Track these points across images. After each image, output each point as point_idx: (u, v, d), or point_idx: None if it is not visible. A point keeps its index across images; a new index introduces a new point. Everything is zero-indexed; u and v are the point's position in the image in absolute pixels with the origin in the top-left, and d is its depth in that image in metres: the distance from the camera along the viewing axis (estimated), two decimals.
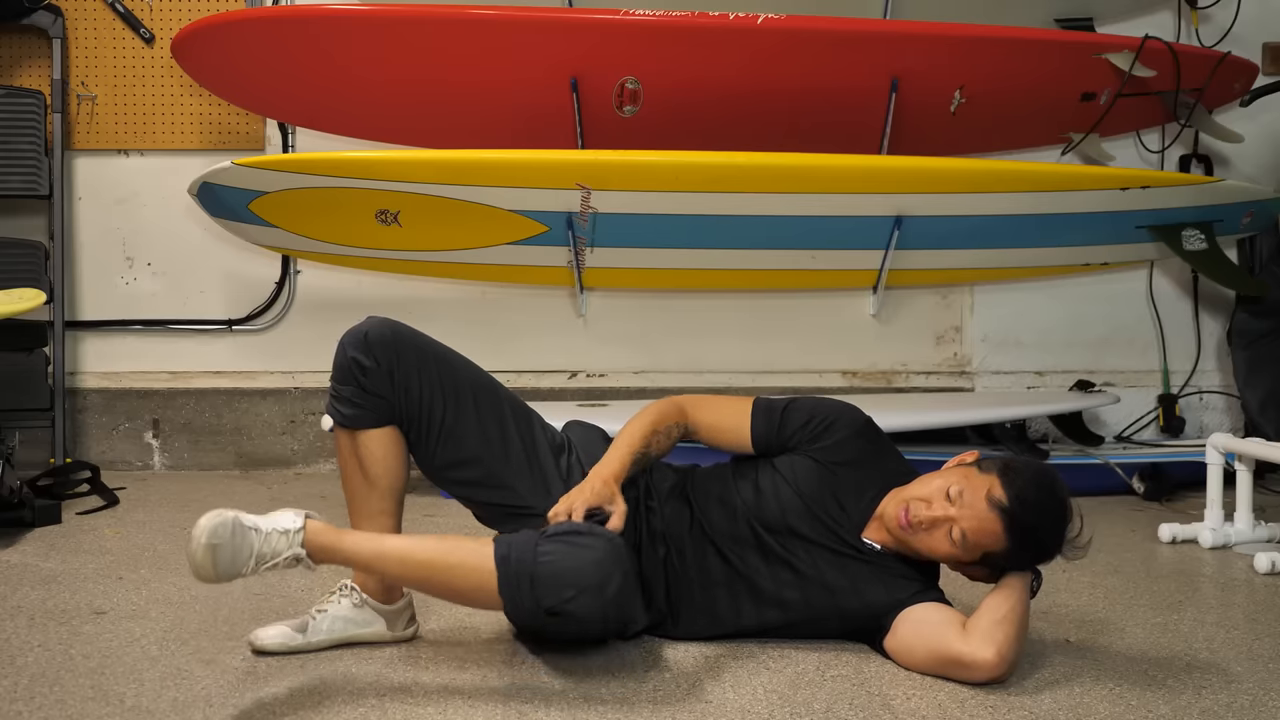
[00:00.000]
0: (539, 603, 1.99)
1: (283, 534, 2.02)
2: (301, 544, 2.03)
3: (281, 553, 2.01)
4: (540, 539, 2.03)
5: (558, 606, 1.99)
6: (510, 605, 2.03)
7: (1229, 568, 3.07)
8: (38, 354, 3.95)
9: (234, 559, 1.96)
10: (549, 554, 2.00)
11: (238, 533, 1.96)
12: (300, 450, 4.27)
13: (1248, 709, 2.04)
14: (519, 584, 1.99)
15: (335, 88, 3.82)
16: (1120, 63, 3.86)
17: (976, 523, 2.12)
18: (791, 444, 2.33)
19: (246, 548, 1.97)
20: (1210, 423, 4.49)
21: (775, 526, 2.27)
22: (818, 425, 2.32)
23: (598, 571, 1.99)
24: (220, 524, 1.95)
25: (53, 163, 4.02)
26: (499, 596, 2.01)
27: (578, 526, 2.07)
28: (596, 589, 1.99)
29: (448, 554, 2.06)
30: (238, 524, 1.97)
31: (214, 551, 1.93)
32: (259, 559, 1.98)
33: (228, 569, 1.96)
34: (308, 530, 2.04)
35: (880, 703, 2.03)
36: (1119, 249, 4.05)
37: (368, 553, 2.09)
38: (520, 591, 1.99)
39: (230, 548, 1.95)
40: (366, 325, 2.25)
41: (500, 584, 2.00)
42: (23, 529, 3.20)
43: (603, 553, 2.02)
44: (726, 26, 3.66)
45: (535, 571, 1.98)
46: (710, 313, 4.38)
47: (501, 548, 2.02)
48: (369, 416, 2.24)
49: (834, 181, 3.63)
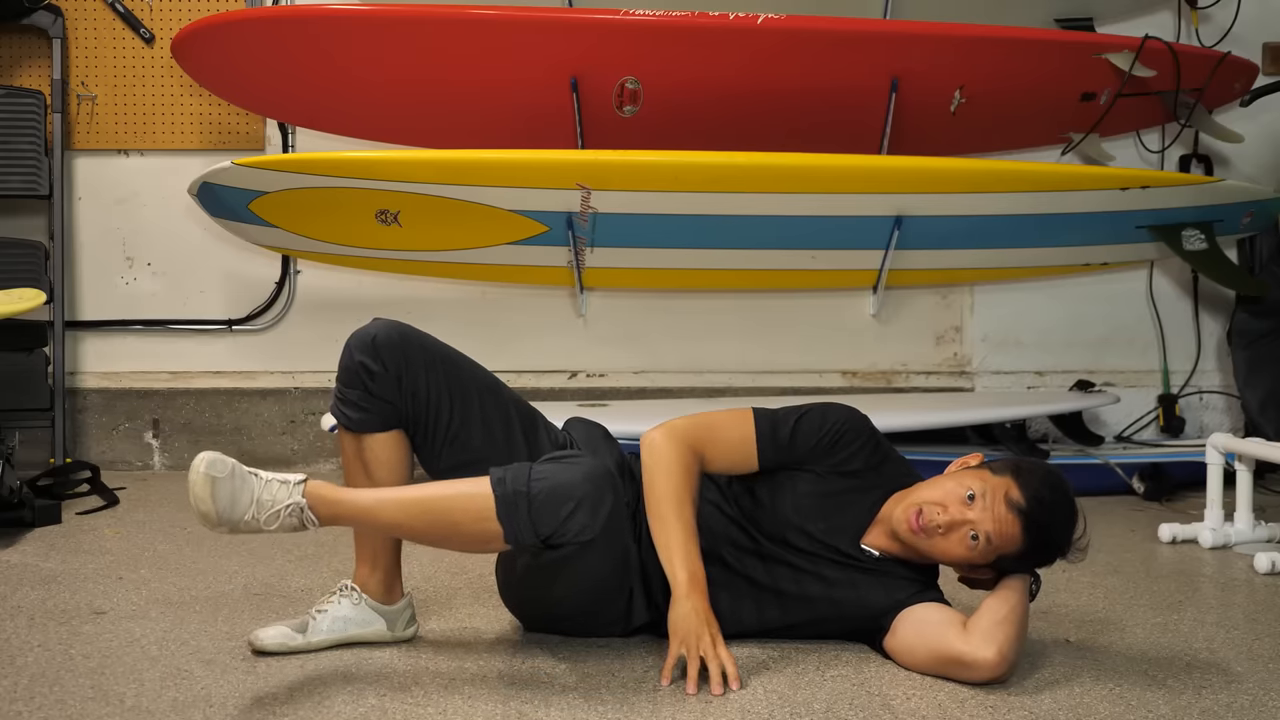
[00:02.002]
0: (537, 527, 2.01)
1: (283, 483, 2.02)
2: (302, 494, 2.02)
3: (282, 500, 2.00)
4: (533, 465, 2.07)
5: (556, 529, 2.01)
6: (509, 530, 2.03)
7: (1229, 568, 3.07)
8: (38, 354, 3.95)
9: (234, 500, 1.96)
10: (542, 473, 2.04)
11: (237, 474, 1.97)
12: (300, 450, 4.27)
13: (1248, 709, 2.04)
14: (516, 505, 2.01)
15: (335, 88, 3.82)
16: (1120, 63, 3.86)
17: (997, 525, 2.11)
18: (802, 460, 2.29)
19: (247, 491, 1.97)
20: (1210, 423, 4.49)
21: (773, 534, 2.27)
22: (830, 440, 2.28)
23: (589, 483, 2.04)
24: (218, 458, 1.96)
25: (53, 163, 4.02)
26: (498, 524, 2.02)
27: (568, 451, 2.12)
28: (591, 500, 2.02)
29: (444, 489, 2.10)
30: (237, 467, 1.98)
31: (214, 484, 1.94)
32: (260, 505, 1.98)
33: (228, 509, 1.95)
34: (308, 484, 2.04)
35: (880, 703, 2.03)
36: (1119, 249, 4.05)
37: (367, 501, 2.09)
38: (518, 513, 2.01)
39: (229, 486, 1.95)
40: (374, 329, 2.24)
41: (498, 508, 2.02)
42: (23, 529, 3.20)
43: (593, 467, 2.07)
44: (726, 26, 3.66)
45: (530, 489, 2.01)
46: (710, 313, 4.38)
47: (497, 473, 2.06)
48: (375, 421, 2.23)
49: (834, 181, 3.63)
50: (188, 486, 1.95)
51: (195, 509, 1.96)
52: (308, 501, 2.02)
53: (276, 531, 2.01)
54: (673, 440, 2.23)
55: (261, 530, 2.00)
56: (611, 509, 2.06)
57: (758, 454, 2.28)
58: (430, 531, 2.11)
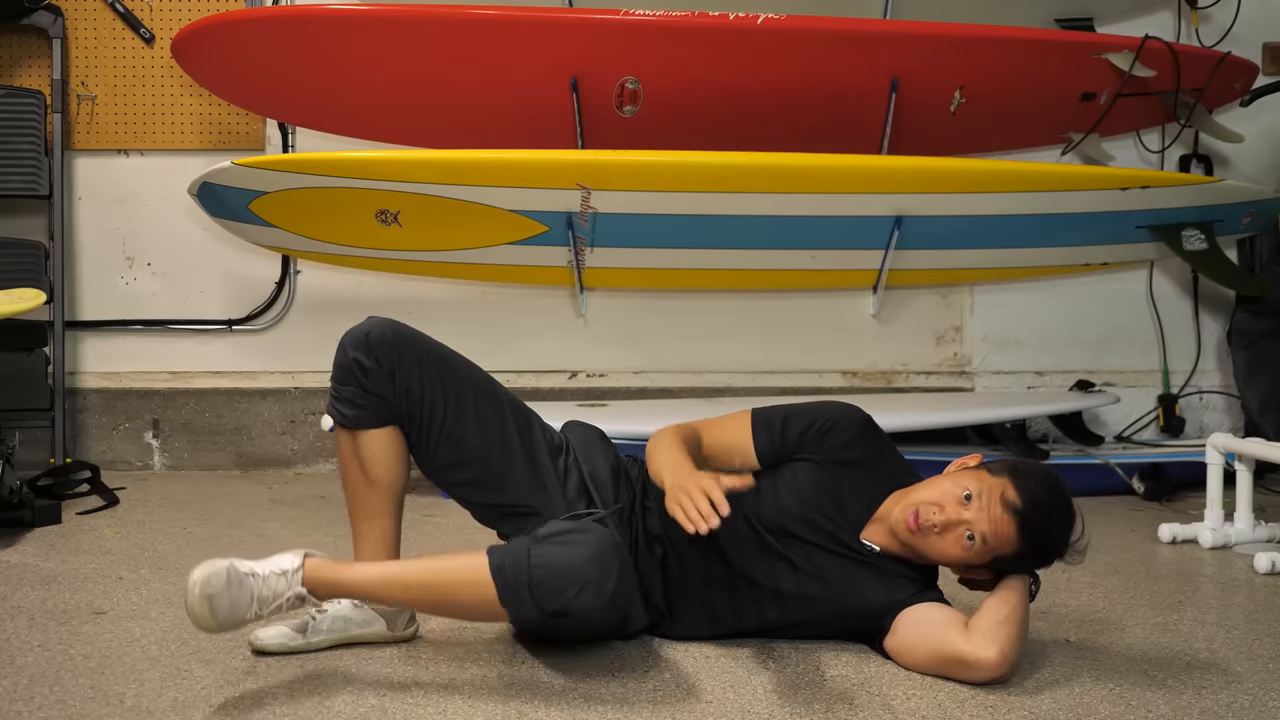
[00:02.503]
0: (541, 607, 1.99)
1: (281, 575, 2.02)
2: (302, 582, 2.04)
3: (283, 594, 2.02)
4: (532, 543, 2.02)
5: (560, 608, 1.99)
6: (513, 614, 2.03)
7: (1229, 568, 3.07)
8: (38, 354, 3.95)
9: (234, 607, 1.96)
10: (543, 556, 2.00)
11: (234, 580, 1.96)
12: (300, 450, 4.27)
13: (1248, 709, 2.04)
14: (518, 592, 1.99)
15: (335, 88, 3.81)
16: (1120, 63, 3.86)
17: (993, 525, 2.12)
18: (795, 450, 2.32)
19: (246, 594, 1.97)
20: (1210, 423, 4.49)
21: (773, 526, 2.27)
22: (819, 429, 2.31)
23: (594, 566, 2.00)
24: (213, 573, 1.94)
25: (53, 163, 4.02)
26: (501, 608, 2.02)
27: (568, 526, 2.07)
28: (596, 583, 1.99)
29: (446, 572, 2.07)
30: (233, 571, 1.96)
31: (210, 602, 1.94)
32: (261, 602, 1.99)
33: (228, 617, 1.96)
34: (306, 568, 2.05)
35: (880, 703, 2.03)
36: (1119, 249, 4.05)
37: (370, 581, 2.09)
38: (520, 599, 1.99)
39: (228, 596, 1.95)
40: (368, 325, 2.25)
41: (500, 595, 2.00)
42: (23, 529, 3.20)
43: (597, 546, 2.02)
44: (726, 26, 3.66)
45: (532, 577, 1.98)
46: (710, 313, 4.38)
47: (495, 558, 2.02)
48: (370, 417, 2.24)
49: (834, 181, 3.63)
50: (185, 606, 1.95)
51: (195, 625, 1.97)
52: (308, 590, 2.05)
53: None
54: (671, 426, 2.32)
55: (262, 619, 2.02)
56: (617, 583, 2.03)
57: (753, 442, 2.31)
58: (435, 610, 2.15)
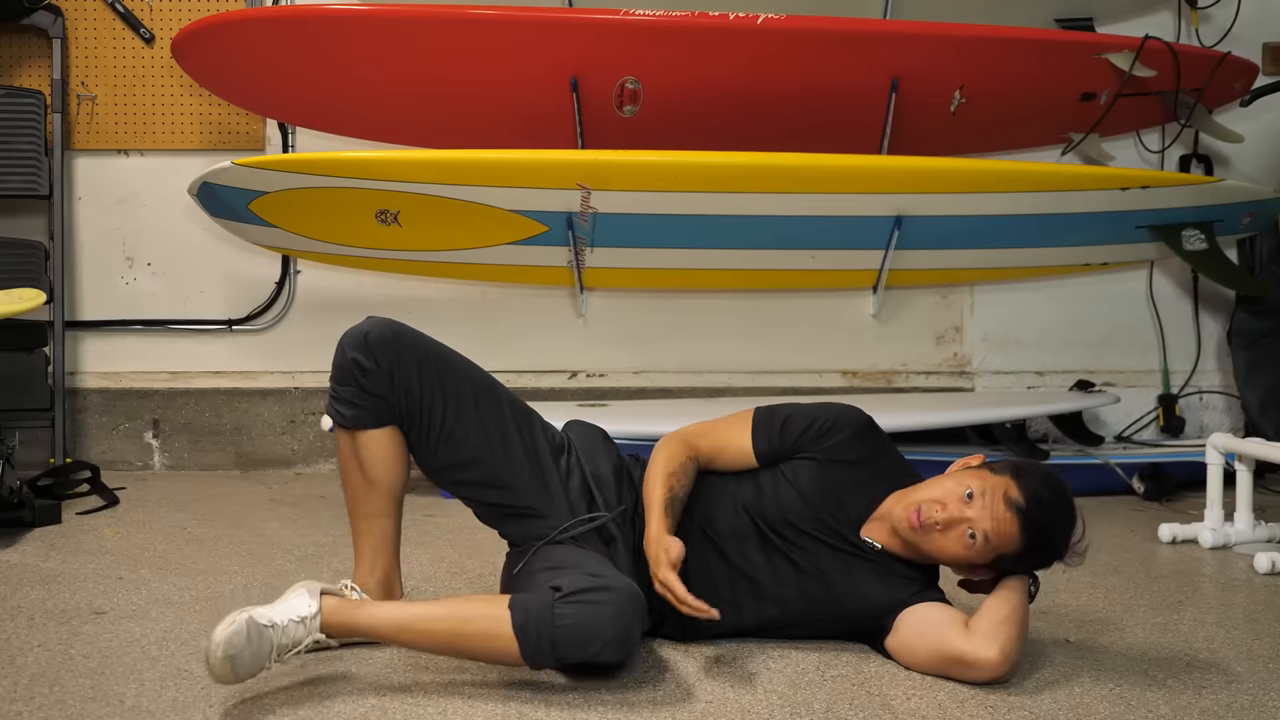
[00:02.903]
0: (562, 661, 2.01)
1: (299, 623, 2.01)
2: (319, 628, 2.04)
3: (301, 640, 2.01)
4: (555, 601, 2.00)
5: (582, 662, 2.01)
6: (533, 663, 2.03)
7: (1229, 568, 3.07)
8: (38, 354, 3.95)
9: (254, 660, 1.94)
10: (567, 617, 1.98)
11: (254, 635, 1.94)
12: (300, 450, 4.27)
13: (1248, 709, 2.04)
14: (540, 649, 1.99)
15: (335, 88, 3.81)
16: (1120, 63, 3.86)
17: (995, 524, 2.12)
18: (795, 450, 2.32)
19: (266, 645, 1.96)
20: (1210, 423, 4.49)
21: (775, 522, 2.28)
22: (819, 429, 2.32)
23: (617, 625, 1.99)
24: (234, 633, 1.91)
25: (53, 163, 4.02)
26: (521, 659, 2.02)
27: (591, 583, 2.03)
28: (618, 642, 2.00)
29: (465, 622, 2.05)
30: (252, 625, 1.94)
31: (233, 662, 1.91)
32: (280, 650, 1.98)
33: (249, 670, 1.94)
34: (324, 612, 2.04)
35: (880, 703, 2.03)
36: (1119, 249, 4.05)
37: (388, 627, 2.08)
38: (543, 655, 2.00)
39: (249, 652, 1.93)
40: (367, 325, 2.25)
41: (523, 653, 2.00)
42: (23, 529, 3.20)
43: (619, 605, 2.01)
44: (726, 26, 3.66)
45: (555, 636, 1.98)
46: (710, 313, 4.38)
47: (519, 616, 2.00)
48: (369, 417, 2.24)
49: (834, 181, 3.63)
50: (207, 665, 1.91)
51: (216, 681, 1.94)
52: (325, 635, 2.05)
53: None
54: (671, 436, 2.34)
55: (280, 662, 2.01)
56: (639, 636, 2.06)
57: (752, 442, 2.32)
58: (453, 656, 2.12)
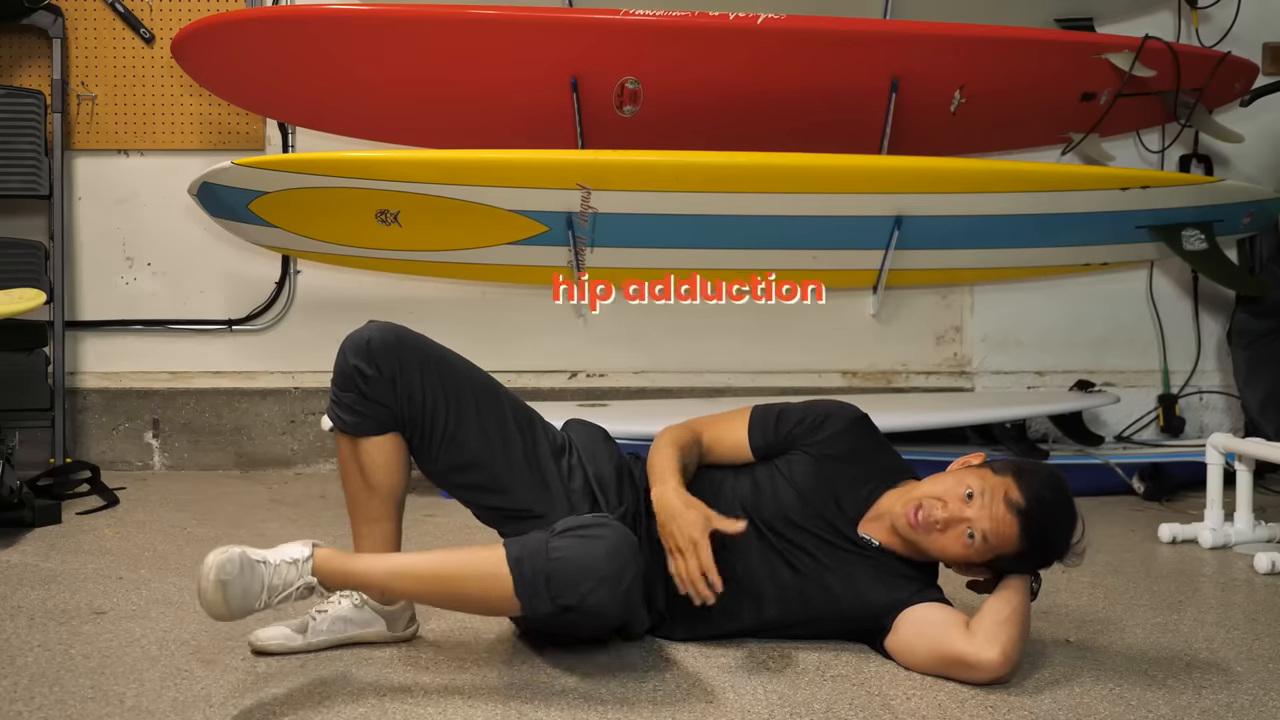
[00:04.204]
0: (555, 600, 2.00)
1: (291, 564, 2.02)
2: (312, 571, 2.04)
3: (293, 582, 2.01)
4: (550, 536, 2.03)
5: (575, 602, 2.00)
6: (528, 606, 2.02)
7: (1229, 568, 3.07)
8: (38, 354, 3.95)
9: (245, 594, 1.96)
10: (561, 550, 2.01)
11: (246, 568, 1.96)
12: (300, 450, 4.27)
13: (1248, 709, 2.04)
14: (535, 584, 1.99)
15: (335, 88, 3.81)
16: (1120, 63, 3.86)
17: (994, 524, 2.12)
18: (788, 444, 2.34)
19: (257, 582, 1.97)
20: (1210, 423, 4.49)
21: (773, 520, 2.28)
22: (812, 422, 2.34)
23: (611, 562, 2.01)
24: (227, 559, 1.94)
25: (53, 163, 4.02)
26: (516, 599, 2.02)
27: (587, 520, 2.07)
28: (613, 579, 2.00)
29: (460, 564, 2.07)
30: (245, 559, 1.97)
31: (224, 588, 1.93)
32: (271, 591, 1.99)
33: (240, 604, 1.96)
34: (316, 558, 2.05)
35: (880, 703, 2.03)
36: (1119, 249, 4.05)
37: (381, 572, 2.09)
38: (537, 591, 2.00)
39: (240, 583, 1.95)
40: (369, 332, 2.24)
41: (516, 586, 2.00)
42: (23, 529, 3.20)
43: (615, 543, 2.03)
44: (726, 26, 3.66)
45: (550, 569, 1.99)
46: (710, 313, 4.37)
47: (514, 549, 2.03)
48: (370, 424, 2.24)
49: (834, 181, 3.63)
50: (198, 589, 1.95)
51: (206, 610, 1.97)
52: (318, 580, 2.04)
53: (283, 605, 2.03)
54: (672, 428, 2.36)
55: (270, 607, 2.01)
56: (631, 580, 2.05)
57: (748, 436, 2.35)
58: (446, 603, 2.13)
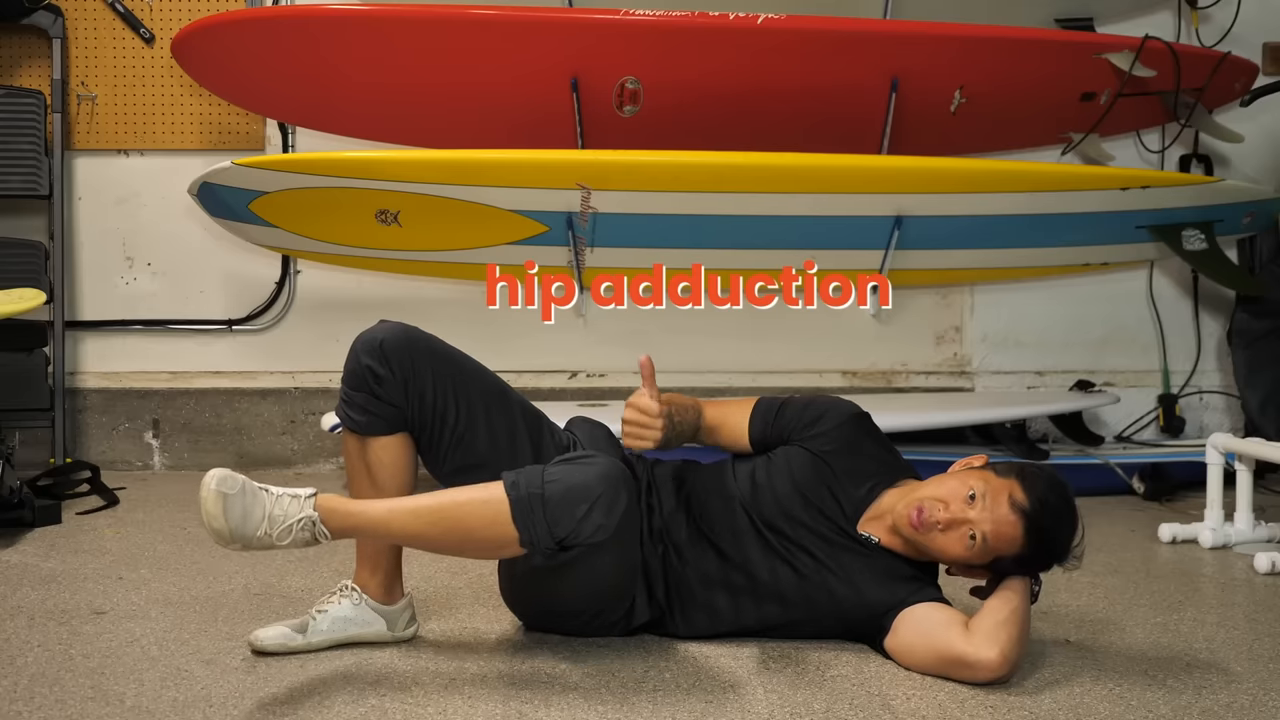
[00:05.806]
0: (552, 529, 2.01)
1: (294, 498, 2.01)
2: (314, 507, 2.01)
3: (294, 515, 1.99)
4: (546, 466, 2.07)
5: (571, 530, 2.01)
6: (525, 533, 2.02)
7: (1229, 568, 3.07)
8: (38, 354, 3.95)
9: (245, 516, 1.95)
10: (555, 474, 2.04)
11: (248, 490, 1.96)
12: (300, 450, 4.27)
13: (1248, 709, 2.04)
14: (531, 508, 2.01)
15: (335, 88, 3.82)
16: (1120, 63, 3.86)
17: (996, 526, 2.12)
18: (786, 436, 2.35)
19: (259, 507, 1.97)
20: (1210, 423, 4.49)
21: (772, 517, 2.28)
22: (811, 416, 2.35)
23: (604, 483, 2.03)
24: (229, 475, 1.96)
25: (53, 163, 4.02)
26: (513, 528, 2.02)
27: (579, 452, 2.13)
28: (606, 501, 2.02)
29: (457, 496, 2.09)
30: (247, 483, 1.97)
31: (224, 500, 1.93)
32: (271, 520, 1.97)
33: (240, 526, 1.95)
34: (319, 498, 2.03)
35: (880, 703, 2.03)
36: (1119, 249, 4.04)
37: (381, 509, 2.08)
38: (534, 516, 2.01)
39: (240, 502, 1.95)
40: (381, 332, 2.23)
41: (513, 511, 2.01)
42: (23, 529, 3.20)
43: (606, 466, 2.06)
44: (726, 26, 3.66)
45: (545, 492, 2.01)
46: (710, 313, 4.36)
47: (510, 476, 2.06)
48: (381, 424, 2.23)
49: (834, 181, 3.63)
50: (199, 503, 1.95)
51: (207, 526, 1.96)
52: (319, 515, 2.02)
53: (289, 547, 2.00)
54: None
55: (274, 546, 1.99)
56: (626, 508, 2.06)
57: (749, 424, 2.38)
58: (444, 539, 2.09)
